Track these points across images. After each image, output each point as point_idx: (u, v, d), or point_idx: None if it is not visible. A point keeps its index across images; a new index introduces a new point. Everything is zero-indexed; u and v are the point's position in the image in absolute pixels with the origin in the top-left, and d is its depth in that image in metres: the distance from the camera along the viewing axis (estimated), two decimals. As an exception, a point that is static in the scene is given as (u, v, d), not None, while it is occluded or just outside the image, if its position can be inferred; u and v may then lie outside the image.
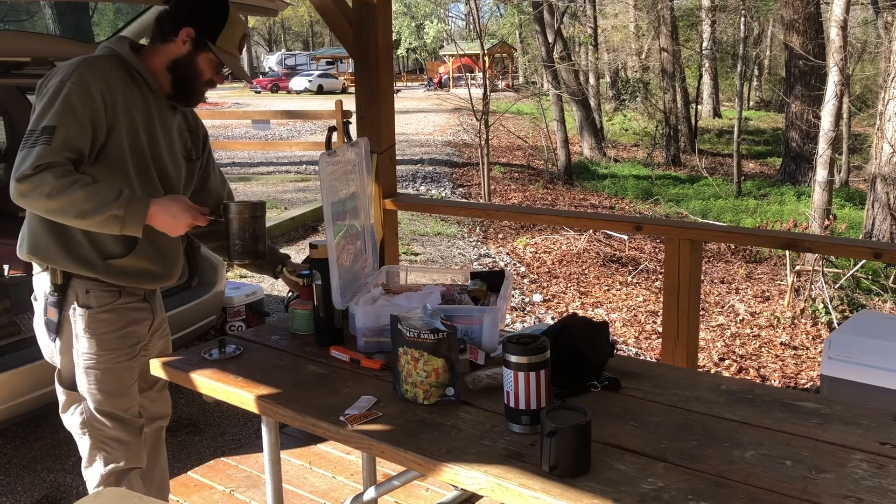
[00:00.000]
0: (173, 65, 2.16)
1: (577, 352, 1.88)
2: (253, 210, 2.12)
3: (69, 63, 2.04)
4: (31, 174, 1.86)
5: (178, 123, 2.30)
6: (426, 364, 1.80)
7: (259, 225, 2.14)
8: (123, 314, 2.19)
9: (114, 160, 2.06)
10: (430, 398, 1.82)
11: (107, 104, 2.02)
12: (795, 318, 7.18)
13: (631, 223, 3.29)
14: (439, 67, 44.99)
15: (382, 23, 3.48)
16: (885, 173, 9.50)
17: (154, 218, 2.00)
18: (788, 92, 16.01)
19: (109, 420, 2.22)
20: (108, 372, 2.19)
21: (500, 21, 33.57)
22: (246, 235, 2.11)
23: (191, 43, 2.13)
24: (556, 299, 7.59)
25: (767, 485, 1.44)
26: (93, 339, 2.16)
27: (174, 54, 2.15)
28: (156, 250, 2.21)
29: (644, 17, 24.24)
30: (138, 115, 2.12)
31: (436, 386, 1.81)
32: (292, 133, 20.18)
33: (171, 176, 2.24)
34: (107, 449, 2.24)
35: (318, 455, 3.31)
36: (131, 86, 2.11)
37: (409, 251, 8.57)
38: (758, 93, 35.17)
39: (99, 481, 2.25)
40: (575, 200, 13.87)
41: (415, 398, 1.83)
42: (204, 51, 2.14)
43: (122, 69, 2.10)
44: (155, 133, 2.18)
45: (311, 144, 12.60)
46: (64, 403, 2.28)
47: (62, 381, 2.27)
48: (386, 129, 3.60)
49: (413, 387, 1.83)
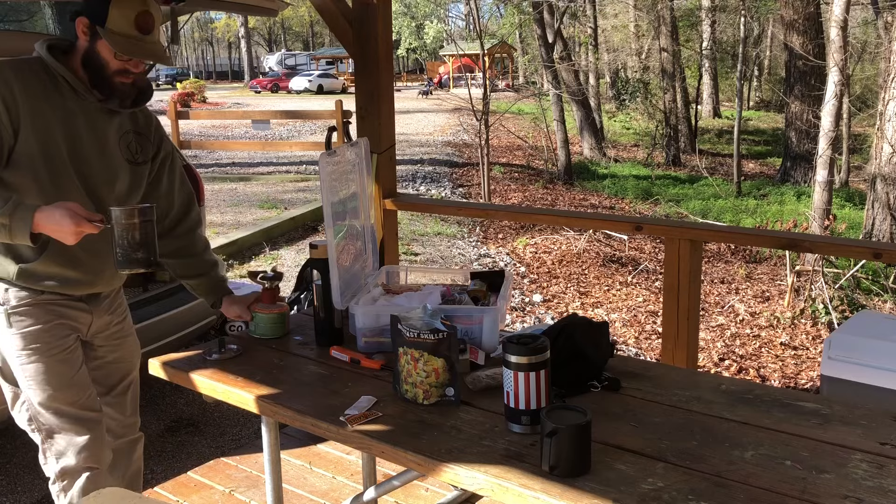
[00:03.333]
0: (84, 61, 2.05)
1: (577, 352, 1.88)
2: (132, 215, 1.94)
3: None
4: None
5: (120, 125, 2.19)
6: (426, 364, 1.80)
7: (143, 232, 1.96)
8: (48, 309, 2.13)
9: (22, 166, 1.99)
10: (430, 398, 1.82)
11: (9, 109, 1.95)
12: (795, 318, 7.17)
13: (631, 223, 3.29)
14: (439, 67, 45.00)
15: (382, 23, 3.48)
16: (885, 173, 9.49)
17: (40, 225, 1.91)
18: (788, 92, 16.01)
19: (53, 415, 2.16)
20: (40, 365, 2.12)
21: (500, 21, 33.59)
22: (125, 242, 1.94)
23: (88, 33, 2.02)
24: (555, 299, 7.59)
25: (767, 485, 1.45)
26: (17, 335, 2.11)
27: (81, 50, 2.05)
28: (68, 256, 2.10)
29: (644, 17, 24.24)
30: (56, 120, 2.03)
31: (436, 386, 1.81)
32: (292, 133, 20.18)
33: (102, 180, 2.14)
34: (56, 446, 2.18)
35: (318, 455, 3.31)
36: (51, 90, 2.03)
37: (409, 251, 8.57)
38: (758, 93, 35.16)
39: (53, 478, 2.20)
40: (575, 200, 13.87)
41: (415, 398, 1.83)
42: (98, 38, 2.02)
43: (44, 73, 2.03)
44: (79, 137, 2.07)
45: (311, 144, 12.60)
46: (10, 400, 2.26)
47: (5, 376, 2.24)
48: (386, 129, 3.60)
49: (413, 387, 1.83)
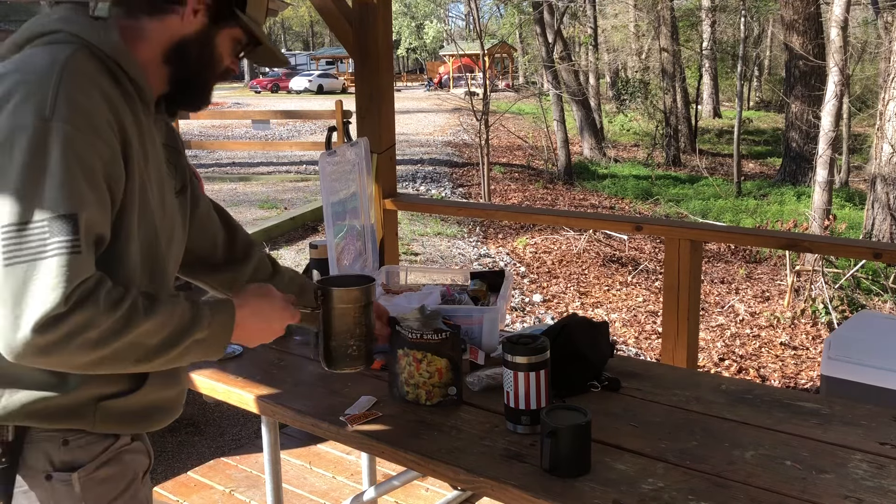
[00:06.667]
0: (175, 50, 1.34)
1: (576, 352, 1.88)
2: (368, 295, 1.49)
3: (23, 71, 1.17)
4: (61, 315, 1.08)
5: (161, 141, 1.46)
6: (429, 365, 1.78)
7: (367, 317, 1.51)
8: (126, 465, 1.35)
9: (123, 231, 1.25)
10: (433, 398, 1.81)
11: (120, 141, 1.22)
12: (795, 318, 7.18)
13: (631, 223, 3.29)
14: (439, 67, 45.00)
15: (382, 23, 3.48)
16: (885, 173, 9.49)
17: (241, 327, 1.35)
18: (788, 92, 16.01)
19: None
20: None
21: (500, 21, 33.60)
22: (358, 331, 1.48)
23: (205, 13, 1.34)
24: (555, 299, 7.59)
25: (767, 485, 1.44)
26: None
27: (177, 34, 1.33)
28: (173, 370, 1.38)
29: (644, 18, 24.24)
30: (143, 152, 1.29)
31: (438, 386, 1.80)
32: (292, 133, 20.18)
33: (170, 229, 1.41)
34: None
35: (318, 455, 3.31)
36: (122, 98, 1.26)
37: (409, 251, 8.57)
38: (758, 93, 35.16)
39: None
40: (575, 200, 13.87)
41: (416, 399, 1.82)
42: (227, 24, 1.37)
43: (104, 70, 1.24)
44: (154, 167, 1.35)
45: (311, 144, 12.60)
46: None
47: None
48: (386, 129, 3.60)
49: (415, 388, 1.81)
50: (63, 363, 1.13)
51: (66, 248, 1.09)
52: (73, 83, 1.16)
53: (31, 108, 1.12)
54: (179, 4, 1.32)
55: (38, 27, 1.26)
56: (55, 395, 1.21)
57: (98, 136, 1.16)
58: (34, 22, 1.28)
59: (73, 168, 1.12)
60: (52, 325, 1.07)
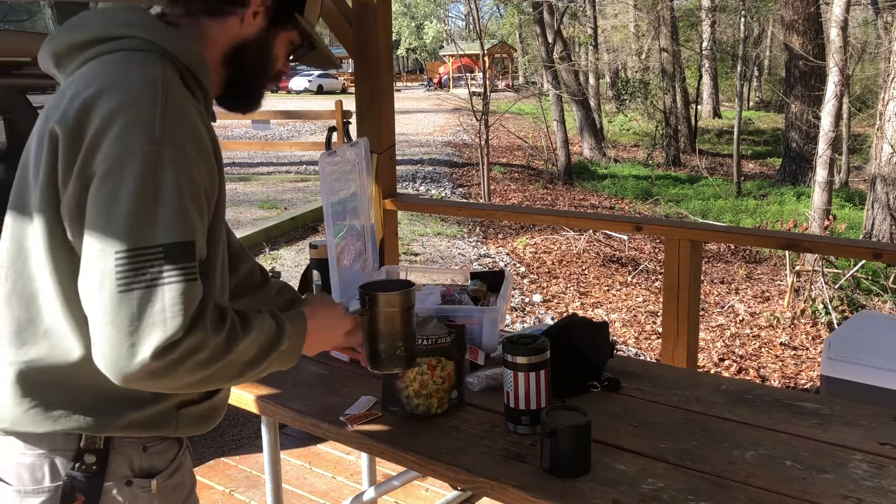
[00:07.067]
0: (235, 53, 1.32)
1: (576, 352, 1.88)
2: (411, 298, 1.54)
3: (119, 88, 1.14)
4: (178, 341, 1.09)
5: None
6: (443, 370, 1.73)
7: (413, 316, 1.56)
8: (187, 471, 1.38)
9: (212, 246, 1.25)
10: (444, 405, 1.75)
11: (214, 157, 1.23)
12: (795, 318, 7.18)
13: (631, 223, 3.29)
14: (439, 68, 45.00)
15: (382, 23, 3.48)
16: (885, 173, 9.49)
17: (310, 336, 1.36)
18: (788, 92, 16.01)
19: None
20: None
21: (499, 21, 33.59)
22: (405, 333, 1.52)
23: (264, 16, 1.33)
24: (555, 299, 7.59)
25: (767, 485, 1.44)
26: None
27: (237, 36, 1.32)
28: None
29: (644, 18, 24.24)
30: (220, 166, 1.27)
31: (447, 391, 1.75)
32: (292, 133, 20.17)
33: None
34: None
35: (318, 455, 3.31)
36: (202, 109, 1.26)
37: (409, 251, 8.57)
38: (758, 93, 35.16)
39: None
40: (575, 200, 13.87)
41: (427, 410, 1.74)
42: (284, 27, 1.36)
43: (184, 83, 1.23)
44: None
45: (311, 144, 12.60)
46: None
47: None
48: (386, 129, 3.60)
49: (427, 398, 1.73)
50: (168, 385, 1.14)
51: (184, 275, 1.10)
52: (174, 103, 1.15)
53: (139, 131, 1.11)
54: (241, 6, 1.30)
55: (101, 29, 1.23)
56: (147, 407, 1.24)
57: (202, 157, 1.17)
58: (88, 21, 1.25)
59: (184, 193, 1.12)
60: (168, 351, 1.08)
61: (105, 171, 1.10)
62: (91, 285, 1.09)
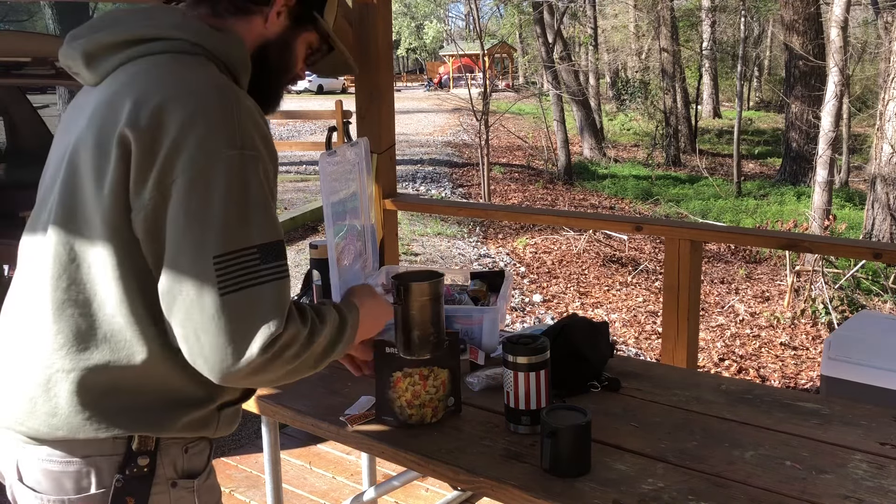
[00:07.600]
0: (258, 53, 1.32)
1: (576, 352, 1.88)
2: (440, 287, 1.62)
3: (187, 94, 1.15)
4: (278, 336, 1.13)
5: None
6: (436, 379, 1.71)
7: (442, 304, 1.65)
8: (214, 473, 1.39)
9: None
10: (438, 414, 1.73)
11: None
12: (795, 318, 7.18)
13: (631, 223, 3.29)
14: (439, 68, 45.00)
15: (382, 23, 3.48)
16: (885, 173, 9.50)
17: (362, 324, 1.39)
18: (788, 92, 16.01)
19: None
20: None
21: (500, 21, 33.60)
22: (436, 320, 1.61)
23: (287, 16, 1.33)
24: (555, 299, 7.59)
25: (767, 485, 1.45)
26: None
27: (261, 36, 1.31)
28: None
29: (644, 18, 24.24)
30: None
31: (442, 399, 1.73)
32: (292, 133, 20.18)
33: None
34: None
35: (318, 455, 3.31)
36: None
37: (409, 251, 8.57)
38: (758, 93, 35.15)
39: None
40: (575, 200, 13.87)
41: (421, 420, 1.71)
42: (305, 28, 1.36)
43: None
44: None
45: (311, 144, 12.59)
46: None
47: None
48: (386, 129, 3.60)
49: (420, 408, 1.71)
50: (264, 379, 1.18)
51: (278, 273, 1.15)
52: (244, 107, 1.18)
53: (221, 138, 1.12)
54: (266, 4, 1.29)
55: (141, 30, 1.22)
56: (200, 409, 1.26)
57: (272, 158, 1.21)
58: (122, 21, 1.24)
59: (267, 194, 1.17)
60: (271, 347, 1.12)
61: (191, 178, 1.11)
62: (185, 291, 1.11)
